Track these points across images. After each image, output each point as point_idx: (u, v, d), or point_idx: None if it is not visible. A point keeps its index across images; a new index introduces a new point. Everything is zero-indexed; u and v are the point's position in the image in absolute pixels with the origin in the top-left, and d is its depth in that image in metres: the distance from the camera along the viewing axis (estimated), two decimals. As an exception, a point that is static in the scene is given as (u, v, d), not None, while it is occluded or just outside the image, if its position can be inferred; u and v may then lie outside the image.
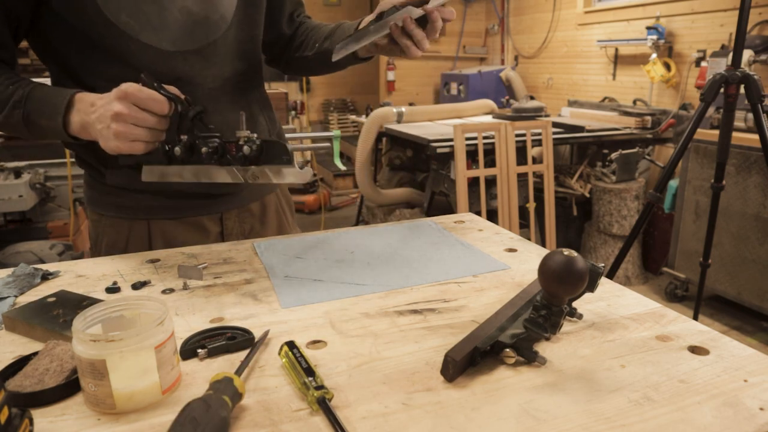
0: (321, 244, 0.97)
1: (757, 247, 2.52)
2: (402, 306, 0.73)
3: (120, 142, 0.77)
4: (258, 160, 0.79)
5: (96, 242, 1.04)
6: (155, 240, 1.02)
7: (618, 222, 3.19)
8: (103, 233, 1.02)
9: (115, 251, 1.00)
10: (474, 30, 5.61)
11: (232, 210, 1.07)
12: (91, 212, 1.04)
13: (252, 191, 1.10)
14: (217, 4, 0.94)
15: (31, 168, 3.00)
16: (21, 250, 2.72)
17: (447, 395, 0.53)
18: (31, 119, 0.84)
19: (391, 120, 3.58)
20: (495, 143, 2.86)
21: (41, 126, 0.84)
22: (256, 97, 1.08)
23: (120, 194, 0.99)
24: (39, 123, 0.84)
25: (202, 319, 0.70)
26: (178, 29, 0.91)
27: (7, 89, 0.85)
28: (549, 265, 0.55)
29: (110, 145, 0.78)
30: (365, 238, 1.00)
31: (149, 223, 1.01)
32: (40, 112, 0.83)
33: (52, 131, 0.84)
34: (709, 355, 0.60)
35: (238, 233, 1.09)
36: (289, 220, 1.20)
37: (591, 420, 0.49)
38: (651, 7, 3.62)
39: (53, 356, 0.57)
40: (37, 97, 0.84)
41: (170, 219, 1.02)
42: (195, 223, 1.04)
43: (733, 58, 1.85)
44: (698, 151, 2.75)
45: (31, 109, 0.83)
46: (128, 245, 1.01)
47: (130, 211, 1.00)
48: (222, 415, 0.47)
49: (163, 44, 0.90)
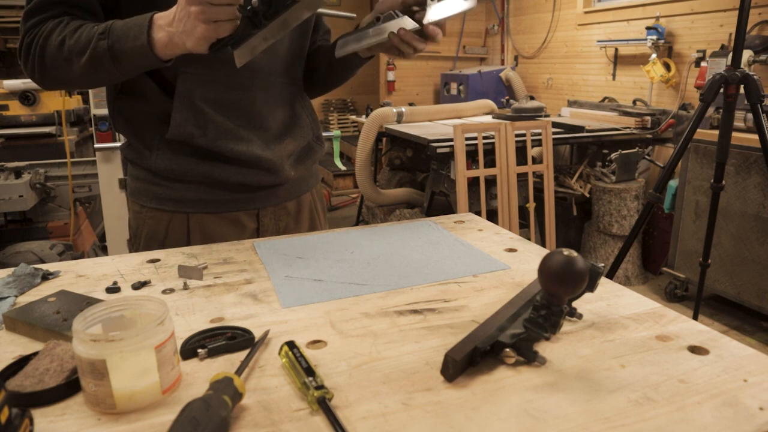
0: (321, 244, 0.97)
1: (757, 247, 2.52)
2: (402, 306, 0.73)
3: (206, 27, 0.78)
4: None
5: (136, 233, 1.07)
6: (193, 233, 1.05)
7: (618, 222, 3.19)
8: (144, 224, 1.06)
9: (154, 243, 1.04)
10: (474, 30, 5.61)
11: (268, 207, 1.11)
12: (133, 203, 1.07)
13: (289, 190, 1.13)
14: None
15: (31, 168, 3.00)
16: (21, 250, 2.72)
17: (447, 395, 0.53)
18: (116, 48, 0.85)
19: (391, 120, 3.58)
20: (495, 143, 2.86)
21: (126, 51, 0.85)
22: (299, 101, 1.13)
23: (162, 185, 1.03)
24: (124, 48, 0.85)
25: (202, 319, 0.70)
26: None
27: (92, 30, 0.87)
28: (549, 265, 0.55)
29: (197, 33, 0.79)
30: (365, 238, 1.00)
31: (188, 217, 1.04)
32: (126, 37, 0.84)
33: (137, 53, 0.85)
34: (708, 354, 0.60)
35: (273, 230, 1.12)
36: (321, 220, 1.23)
37: (591, 420, 0.49)
38: (651, 7, 3.62)
39: (53, 356, 0.57)
40: (119, 26, 0.86)
41: (209, 213, 1.06)
42: (232, 219, 1.07)
43: (733, 58, 1.85)
44: (698, 151, 2.75)
45: (115, 37, 0.85)
46: (167, 237, 1.04)
47: (171, 204, 1.03)
48: (222, 415, 0.47)
49: None
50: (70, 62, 0.87)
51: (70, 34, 0.87)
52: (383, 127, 3.54)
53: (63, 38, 0.87)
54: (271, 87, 1.05)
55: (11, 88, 3.19)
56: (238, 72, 0.97)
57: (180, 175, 1.01)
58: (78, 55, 0.86)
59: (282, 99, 1.08)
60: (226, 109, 1.00)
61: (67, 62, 0.87)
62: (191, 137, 0.98)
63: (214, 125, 0.99)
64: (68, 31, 0.87)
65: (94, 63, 0.87)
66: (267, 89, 1.04)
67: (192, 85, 0.97)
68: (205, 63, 0.96)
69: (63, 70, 0.89)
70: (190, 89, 0.97)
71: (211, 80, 0.98)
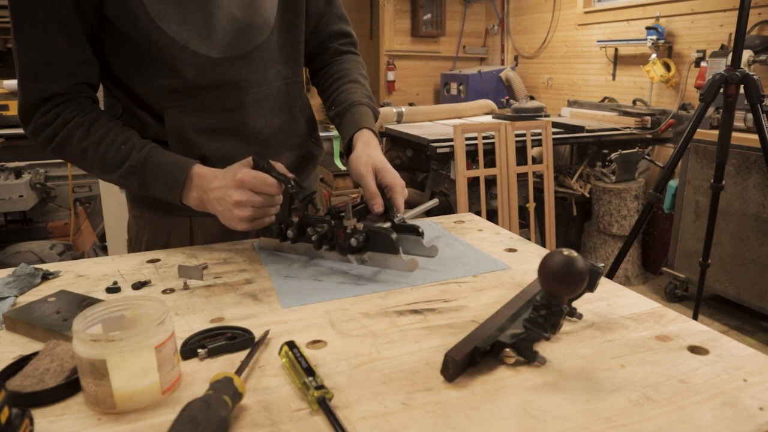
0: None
1: (757, 247, 2.52)
2: (402, 306, 0.73)
3: (244, 224, 0.85)
4: (364, 248, 0.83)
5: (136, 238, 1.06)
6: (196, 236, 1.04)
7: (618, 222, 3.19)
8: (145, 229, 1.05)
9: (156, 247, 1.03)
10: (474, 30, 5.61)
11: None
12: (133, 208, 1.06)
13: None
14: (260, 9, 0.96)
15: (31, 168, 3.00)
16: (21, 250, 2.73)
17: (447, 395, 0.53)
18: (147, 185, 0.89)
19: (391, 120, 3.58)
20: (495, 143, 2.86)
21: (156, 192, 0.90)
22: (297, 102, 1.09)
23: None
24: (154, 190, 0.89)
25: (202, 319, 0.70)
26: (224, 36, 0.93)
27: (119, 150, 0.88)
28: (549, 265, 0.55)
29: (234, 226, 0.86)
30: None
31: (191, 220, 1.03)
32: (157, 182, 0.88)
33: (163, 196, 0.90)
34: (708, 354, 0.60)
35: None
36: None
37: (591, 420, 0.49)
38: (651, 7, 3.62)
39: (53, 356, 0.57)
40: (153, 164, 0.88)
41: (213, 216, 1.03)
42: None
43: (733, 58, 1.85)
44: (698, 151, 2.75)
45: (148, 176, 0.88)
46: (170, 241, 1.04)
47: (174, 207, 1.00)
48: (222, 415, 0.47)
49: (210, 51, 0.92)
50: (91, 168, 0.91)
51: (94, 146, 0.88)
52: (383, 127, 3.55)
53: (85, 148, 0.88)
54: (263, 98, 1.01)
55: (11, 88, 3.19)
56: (225, 93, 0.96)
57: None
58: (101, 170, 0.90)
59: (276, 105, 1.04)
60: (220, 135, 0.98)
61: (89, 167, 0.91)
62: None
63: (211, 155, 0.97)
64: (91, 142, 0.88)
65: (119, 184, 0.93)
66: (259, 101, 1.01)
67: (180, 117, 0.94)
68: (189, 93, 0.94)
69: (81, 166, 0.92)
70: (180, 123, 0.95)
71: (199, 109, 0.95)
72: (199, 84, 0.93)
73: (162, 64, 0.89)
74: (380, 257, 0.82)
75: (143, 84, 0.93)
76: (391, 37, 5.31)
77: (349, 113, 1.06)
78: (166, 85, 0.92)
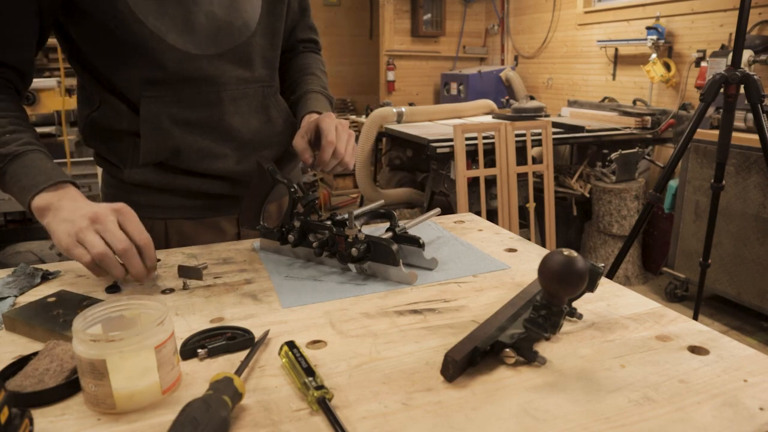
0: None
1: (757, 247, 2.52)
2: (402, 306, 0.73)
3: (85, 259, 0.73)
4: (365, 258, 0.83)
5: None
6: (171, 240, 1.03)
7: (618, 222, 3.19)
8: None
9: None
10: (474, 30, 5.61)
11: None
12: None
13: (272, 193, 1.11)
14: (241, 11, 0.97)
15: (31, 168, 3.00)
16: (21, 250, 2.73)
17: (447, 395, 0.53)
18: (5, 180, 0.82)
19: (391, 120, 3.58)
20: (495, 143, 2.86)
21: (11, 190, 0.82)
22: (273, 104, 1.09)
23: (139, 192, 1.00)
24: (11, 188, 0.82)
25: (202, 319, 0.70)
26: (203, 33, 0.93)
27: (2, 135, 0.83)
28: (549, 265, 0.55)
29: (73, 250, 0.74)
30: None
31: (166, 223, 1.02)
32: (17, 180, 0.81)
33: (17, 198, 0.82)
34: (709, 355, 0.60)
35: (254, 234, 1.09)
36: None
37: (591, 420, 0.49)
38: (651, 7, 3.62)
39: (53, 356, 0.57)
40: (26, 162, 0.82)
41: (188, 219, 1.04)
42: (212, 224, 1.06)
43: (733, 58, 1.85)
44: (698, 151, 2.75)
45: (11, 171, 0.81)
46: None
47: (149, 210, 0.99)
48: (222, 415, 0.47)
49: (188, 47, 0.92)
50: None
51: None
52: (383, 127, 3.55)
53: None
54: (241, 97, 1.01)
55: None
56: (204, 88, 0.96)
57: (157, 186, 0.99)
58: None
59: (254, 106, 1.03)
60: (196, 128, 0.97)
61: None
62: (165, 161, 0.97)
63: (186, 147, 0.96)
64: None
65: None
66: (237, 99, 1.00)
67: (157, 108, 0.93)
68: (168, 84, 0.93)
69: None
70: (156, 113, 0.93)
71: (176, 100, 0.95)
72: (176, 76, 0.92)
73: (140, 55, 0.89)
74: (380, 267, 0.82)
75: (120, 73, 0.92)
76: (391, 37, 5.31)
77: (303, 99, 1.10)
78: (144, 76, 0.91)
